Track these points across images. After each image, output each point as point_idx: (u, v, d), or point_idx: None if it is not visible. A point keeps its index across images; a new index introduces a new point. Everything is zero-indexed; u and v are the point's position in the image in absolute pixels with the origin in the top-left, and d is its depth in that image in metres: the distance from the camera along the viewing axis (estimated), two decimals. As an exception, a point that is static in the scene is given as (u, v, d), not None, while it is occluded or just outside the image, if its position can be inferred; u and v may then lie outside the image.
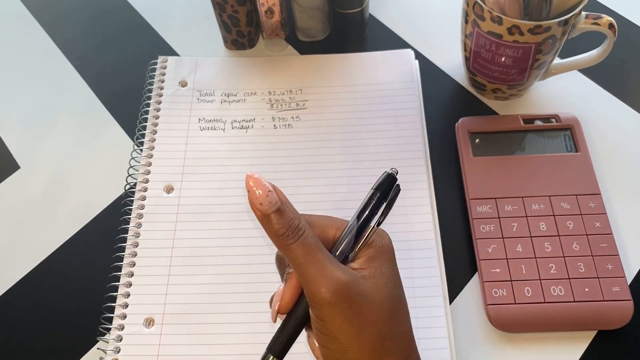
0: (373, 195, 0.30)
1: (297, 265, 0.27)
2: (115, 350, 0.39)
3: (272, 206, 0.27)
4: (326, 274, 0.26)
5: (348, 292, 0.26)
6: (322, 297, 0.26)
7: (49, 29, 0.58)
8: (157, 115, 0.50)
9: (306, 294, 0.27)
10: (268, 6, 0.50)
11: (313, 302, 0.27)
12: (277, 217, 0.27)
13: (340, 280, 0.26)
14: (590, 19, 0.43)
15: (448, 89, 0.51)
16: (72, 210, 0.46)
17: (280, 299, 0.28)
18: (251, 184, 0.27)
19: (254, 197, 0.27)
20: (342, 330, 0.26)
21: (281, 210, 0.27)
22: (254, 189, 0.27)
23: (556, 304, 0.38)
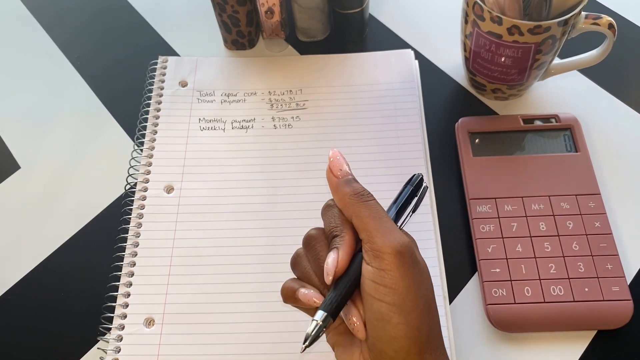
0: (406, 189, 0.33)
1: (372, 218, 0.29)
2: (116, 350, 0.39)
3: (349, 174, 0.32)
4: (395, 231, 0.29)
5: (411, 251, 0.29)
6: (393, 246, 0.28)
7: (49, 29, 0.58)
8: (157, 115, 0.50)
9: (371, 247, 0.29)
10: (268, 6, 0.50)
11: (380, 252, 0.28)
12: (355, 181, 0.32)
13: (406, 240, 0.29)
14: (590, 19, 0.43)
15: (448, 89, 0.51)
16: (73, 210, 0.46)
17: (337, 262, 0.30)
18: (332, 158, 0.32)
19: (336, 164, 0.32)
20: (404, 281, 0.28)
21: (355, 179, 0.32)
22: (337, 159, 0.32)
23: (556, 304, 0.38)
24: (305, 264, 0.32)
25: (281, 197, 0.45)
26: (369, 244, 0.29)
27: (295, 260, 0.33)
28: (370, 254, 0.29)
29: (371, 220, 0.29)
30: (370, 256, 0.29)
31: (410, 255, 0.29)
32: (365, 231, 0.29)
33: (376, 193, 0.44)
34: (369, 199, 0.31)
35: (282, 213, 0.44)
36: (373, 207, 0.30)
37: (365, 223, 0.30)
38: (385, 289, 0.28)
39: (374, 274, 0.29)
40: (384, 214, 0.30)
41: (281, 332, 0.39)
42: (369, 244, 0.29)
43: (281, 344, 0.39)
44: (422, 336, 0.28)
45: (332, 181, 0.32)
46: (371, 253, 0.29)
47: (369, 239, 0.29)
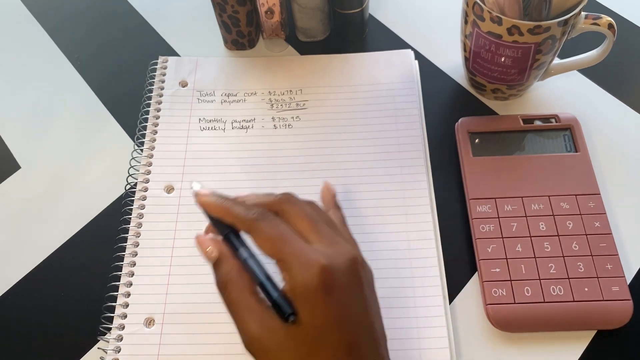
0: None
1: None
2: (116, 349, 0.39)
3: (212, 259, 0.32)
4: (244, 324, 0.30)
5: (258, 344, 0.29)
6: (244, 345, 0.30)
7: (50, 29, 0.58)
8: (157, 116, 0.50)
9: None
10: (268, 6, 0.50)
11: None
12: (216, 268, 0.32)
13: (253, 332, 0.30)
14: (590, 19, 0.43)
15: (448, 89, 0.51)
16: (73, 210, 0.46)
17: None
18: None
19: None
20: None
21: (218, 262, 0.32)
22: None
23: (556, 304, 0.38)
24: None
25: (281, 197, 0.45)
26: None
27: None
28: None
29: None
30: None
31: (257, 349, 0.29)
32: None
33: (376, 193, 0.45)
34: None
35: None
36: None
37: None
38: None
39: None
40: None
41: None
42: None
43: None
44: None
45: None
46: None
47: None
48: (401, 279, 0.41)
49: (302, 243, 0.30)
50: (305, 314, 0.28)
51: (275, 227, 0.30)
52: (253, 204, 0.32)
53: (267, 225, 0.30)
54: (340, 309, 0.29)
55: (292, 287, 0.29)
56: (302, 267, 0.29)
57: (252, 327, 0.29)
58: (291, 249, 0.29)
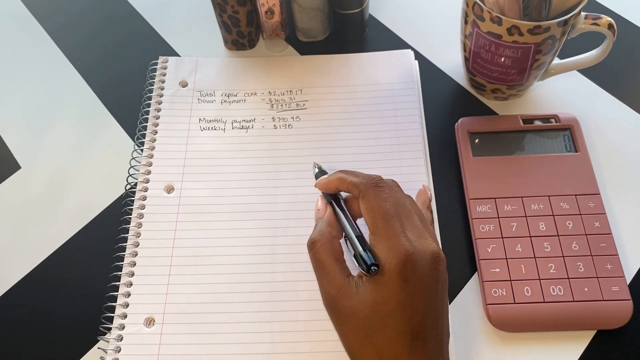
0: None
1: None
2: (116, 349, 0.39)
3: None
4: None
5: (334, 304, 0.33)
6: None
7: (50, 30, 0.58)
8: (157, 116, 0.50)
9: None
10: (268, 7, 0.50)
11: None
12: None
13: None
14: (590, 19, 0.43)
15: (448, 89, 0.51)
16: (73, 210, 0.46)
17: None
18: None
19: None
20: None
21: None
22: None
23: (555, 304, 0.38)
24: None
25: (281, 197, 0.45)
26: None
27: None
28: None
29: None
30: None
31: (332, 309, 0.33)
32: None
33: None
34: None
35: (282, 213, 0.44)
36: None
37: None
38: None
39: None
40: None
41: (281, 332, 0.39)
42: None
43: (281, 343, 0.39)
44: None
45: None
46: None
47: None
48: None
49: (398, 227, 0.32)
50: (380, 293, 0.31)
51: (383, 201, 0.33)
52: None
53: (377, 196, 0.34)
54: (413, 297, 0.31)
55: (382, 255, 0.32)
56: (389, 250, 0.31)
57: (329, 288, 0.33)
58: (386, 228, 0.32)
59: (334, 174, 0.37)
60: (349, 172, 0.36)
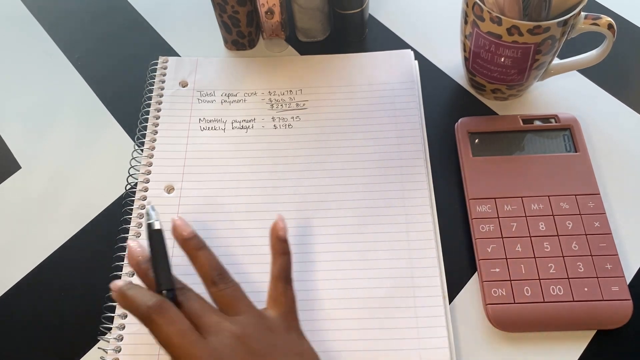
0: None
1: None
2: (116, 349, 0.39)
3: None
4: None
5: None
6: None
7: (50, 29, 0.58)
8: (157, 116, 0.50)
9: None
10: (268, 7, 0.50)
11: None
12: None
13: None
14: (590, 20, 0.43)
15: (448, 89, 0.51)
16: (73, 210, 0.46)
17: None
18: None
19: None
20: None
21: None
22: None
23: (555, 304, 0.38)
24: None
25: (281, 197, 0.45)
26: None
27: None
28: None
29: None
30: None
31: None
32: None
33: (376, 193, 0.45)
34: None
35: (282, 213, 0.44)
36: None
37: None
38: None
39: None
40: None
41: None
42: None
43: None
44: None
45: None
46: None
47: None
48: (401, 279, 0.41)
49: (193, 337, 0.30)
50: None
51: (167, 327, 0.31)
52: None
53: (161, 325, 0.31)
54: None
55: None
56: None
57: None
58: (182, 348, 0.30)
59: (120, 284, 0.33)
60: (129, 286, 0.33)
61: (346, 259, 0.42)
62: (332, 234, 0.43)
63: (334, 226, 0.43)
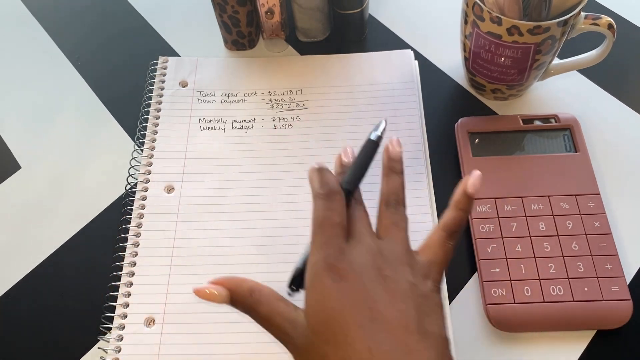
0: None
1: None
2: (116, 349, 0.39)
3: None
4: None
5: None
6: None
7: (50, 29, 0.58)
8: (157, 116, 0.50)
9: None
10: (268, 7, 0.50)
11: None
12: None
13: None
14: (590, 20, 0.43)
15: (447, 89, 0.51)
16: (73, 210, 0.46)
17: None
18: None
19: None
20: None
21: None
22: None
23: (555, 304, 0.38)
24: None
25: (281, 197, 0.45)
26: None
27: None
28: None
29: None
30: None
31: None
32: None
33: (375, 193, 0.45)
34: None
35: (282, 213, 0.44)
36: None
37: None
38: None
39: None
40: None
41: (281, 331, 0.39)
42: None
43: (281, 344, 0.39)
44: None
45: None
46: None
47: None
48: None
49: (334, 233, 0.30)
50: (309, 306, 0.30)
51: (324, 209, 0.31)
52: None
53: (321, 206, 0.31)
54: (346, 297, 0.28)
55: (306, 276, 0.30)
56: (313, 258, 0.30)
57: (285, 328, 0.31)
58: (317, 238, 0.30)
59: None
60: (317, 170, 0.33)
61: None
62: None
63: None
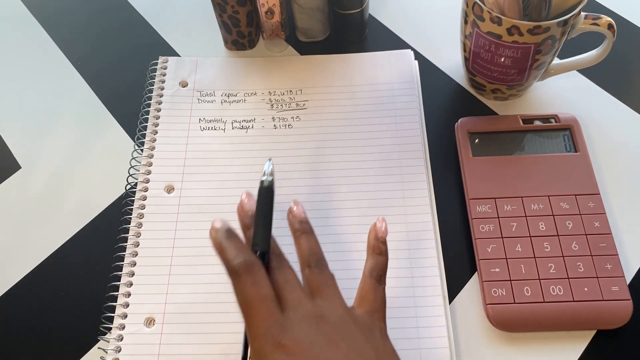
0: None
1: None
2: (116, 349, 0.39)
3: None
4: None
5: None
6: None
7: (50, 29, 0.58)
8: (157, 116, 0.50)
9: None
10: (268, 7, 0.50)
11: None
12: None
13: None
14: (590, 20, 0.43)
15: (447, 89, 0.51)
16: (73, 210, 0.46)
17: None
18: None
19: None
20: None
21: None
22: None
23: (555, 304, 0.38)
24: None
25: (281, 197, 0.45)
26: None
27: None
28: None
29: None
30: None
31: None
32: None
33: (375, 193, 0.45)
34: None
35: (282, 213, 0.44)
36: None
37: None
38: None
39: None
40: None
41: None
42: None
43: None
44: None
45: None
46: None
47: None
48: (401, 279, 0.41)
49: (272, 305, 0.30)
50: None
51: (250, 286, 0.30)
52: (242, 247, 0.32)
53: (243, 284, 0.30)
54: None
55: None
56: (255, 343, 0.29)
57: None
58: (253, 319, 0.30)
59: (217, 233, 0.32)
60: (226, 239, 0.32)
61: (347, 259, 0.42)
62: (332, 233, 0.43)
63: (334, 226, 0.43)
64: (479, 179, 0.44)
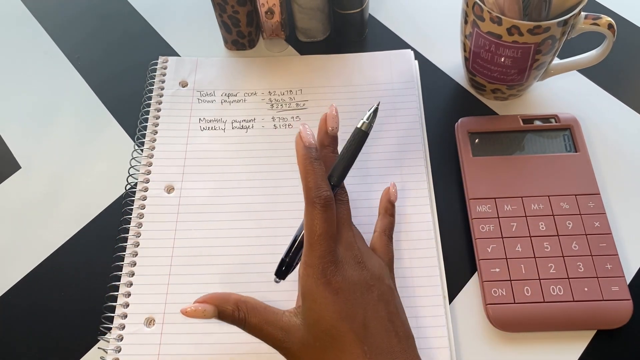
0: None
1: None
2: (116, 349, 0.39)
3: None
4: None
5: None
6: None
7: (50, 30, 0.58)
8: (157, 116, 0.50)
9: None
10: (268, 7, 0.50)
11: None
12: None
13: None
14: (590, 20, 0.43)
15: (448, 89, 0.51)
16: (73, 210, 0.46)
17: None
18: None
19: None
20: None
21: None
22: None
23: (555, 304, 0.38)
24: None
25: (281, 197, 0.45)
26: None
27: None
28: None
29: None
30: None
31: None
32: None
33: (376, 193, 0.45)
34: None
35: (282, 213, 0.44)
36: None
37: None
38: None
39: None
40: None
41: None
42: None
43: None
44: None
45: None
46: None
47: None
48: (401, 279, 0.41)
49: (329, 247, 0.32)
50: (315, 312, 0.32)
51: (322, 222, 0.32)
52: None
53: (318, 217, 0.32)
54: (346, 305, 0.32)
55: (300, 285, 0.33)
56: (310, 270, 0.32)
57: (277, 335, 0.33)
58: (314, 250, 0.32)
59: (305, 152, 0.34)
60: (312, 167, 0.34)
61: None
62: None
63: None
64: (479, 179, 0.44)
